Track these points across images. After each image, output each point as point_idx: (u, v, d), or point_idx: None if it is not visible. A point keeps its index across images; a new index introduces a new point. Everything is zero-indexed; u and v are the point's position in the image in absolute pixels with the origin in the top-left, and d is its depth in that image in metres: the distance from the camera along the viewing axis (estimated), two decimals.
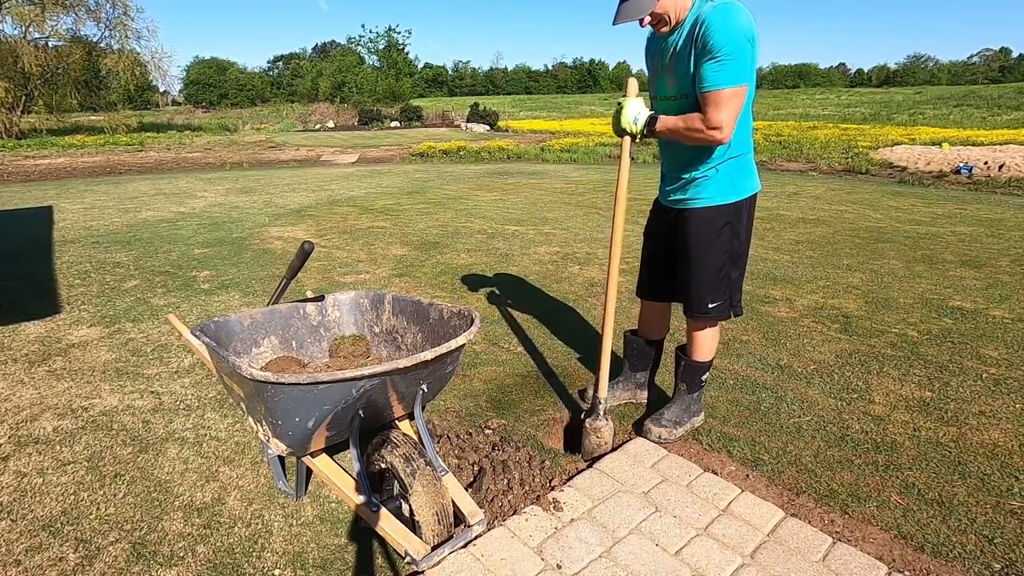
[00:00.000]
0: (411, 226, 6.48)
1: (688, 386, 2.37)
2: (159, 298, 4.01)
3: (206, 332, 2.02)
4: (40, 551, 1.76)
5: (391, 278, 4.49)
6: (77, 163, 15.55)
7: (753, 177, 2.19)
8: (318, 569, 1.72)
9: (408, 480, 1.72)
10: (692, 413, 2.39)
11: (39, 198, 8.82)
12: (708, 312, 2.21)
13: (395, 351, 2.40)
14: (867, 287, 4.31)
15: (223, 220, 6.86)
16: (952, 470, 2.16)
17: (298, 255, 2.23)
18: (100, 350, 3.17)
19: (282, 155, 18.11)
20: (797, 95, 65.66)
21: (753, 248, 5.47)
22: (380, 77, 52.15)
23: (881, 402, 2.65)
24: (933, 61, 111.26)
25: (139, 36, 28.54)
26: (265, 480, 2.09)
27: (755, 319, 3.66)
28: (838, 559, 1.71)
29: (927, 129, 21.95)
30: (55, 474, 2.12)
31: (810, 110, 44.20)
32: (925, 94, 54.17)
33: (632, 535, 1.81)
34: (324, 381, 1.61)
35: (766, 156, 15.85)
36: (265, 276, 4.51)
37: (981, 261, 5.06)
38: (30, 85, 26.02)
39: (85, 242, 5.68)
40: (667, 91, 2.08)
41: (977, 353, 3.16)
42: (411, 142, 20.34)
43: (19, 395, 2.68)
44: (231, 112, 51.05)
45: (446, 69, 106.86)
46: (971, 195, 9.67)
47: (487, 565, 1.67)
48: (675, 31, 1.97)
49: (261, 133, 28.34)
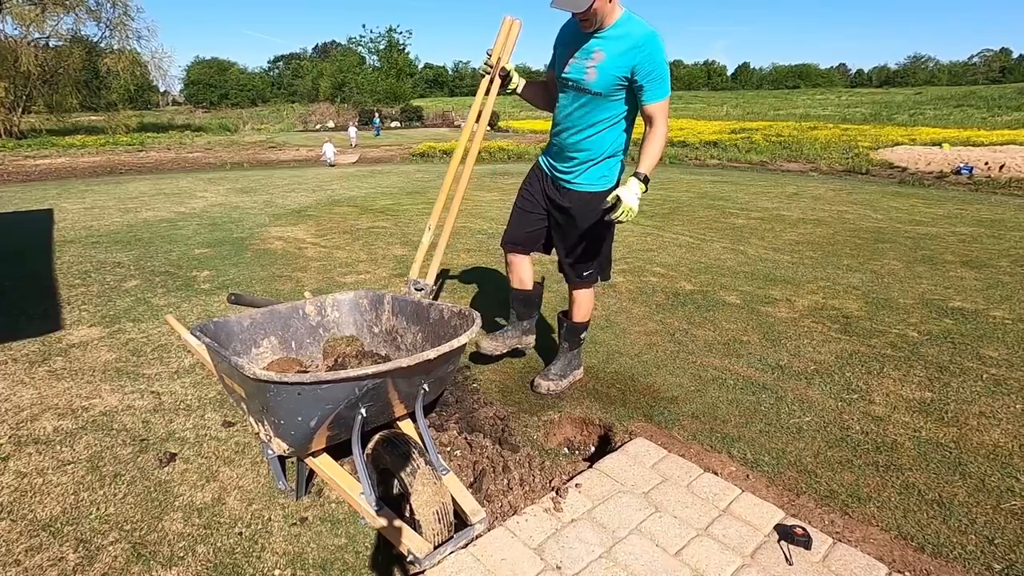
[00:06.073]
0: (411, 226, 6.48)
1: (570, 344, 2.74)
2: (159, 298, 4.01)
3: (206, 332, 2.02)
4: (40, 551, 1.76)
5: (391, 278, 4.49)
6: (77, 163, 15.55)
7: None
8: (318, 569, 1.71)
9: (408, 479, 1.72)
10: (573, 367, 2.77)
11: (39, 198, 8.82)
12: (586, 278, 2.61)
13: (395, 351, 2.40)
14: (867, 287, 4.31)
15: (223, 220, 6.86)
16: (952, 471, 2.16)
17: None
18: (100, 350, 3.17)
19: (282, 155, 18.11)
20: (797, 95, 65.65)
21: (753, 248, 5.49)
22: (381, 77, 52.16)
23: (881, 402, 2.65)
24: (933, 61, 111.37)
25: (139, 36, 28.55)
26: (265, 480, 2.09)
27: (755, 319, 3.66)
28: (838, 559, 1.71)
29: (927, 130, 21.94)
30: (55, 474, 2.12)
31: (810, 110, 44.19)
32: (925, 94, 54.17)
33: (632, 535, 1.80)
34: (327, 380, 1.61)
35: (766, 156, 15.85)
36: (265, 276, 4.51)
37: (981, 262, 5.06)
38: (30, 85, 26.04)
39: (85, 242, 5.68)
40: (582, 82, 2.27)
41: (977, 354, 3.16)
42: (411, 142, 20.34)
43: (19, 395, 2.68)
44: (231, 112, 51.05)
45: (446, 69, 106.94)
46: (971, 195, 9.67)
47: (487, 565, 1.67)
48: (598, 33, 2.21)
49: (261, 133, 28.35)
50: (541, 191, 2.57)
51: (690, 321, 3.62)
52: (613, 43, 2.20)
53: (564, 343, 2.77)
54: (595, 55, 2.23)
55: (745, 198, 8.79)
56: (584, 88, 2.28)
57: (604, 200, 2.42)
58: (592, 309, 2.78)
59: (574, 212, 2.48)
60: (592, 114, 2.32)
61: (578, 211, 2.47)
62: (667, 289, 4.25)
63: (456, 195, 2.65)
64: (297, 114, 43.22)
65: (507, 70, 2.51)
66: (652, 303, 3.95)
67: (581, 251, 2.55)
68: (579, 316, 2.72)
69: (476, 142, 2.64)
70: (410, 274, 2.65)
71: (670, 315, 3.73)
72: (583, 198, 2.46)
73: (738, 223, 6.77)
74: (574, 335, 2.75)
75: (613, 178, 2.47)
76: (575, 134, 2.38)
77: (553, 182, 2.53)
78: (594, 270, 2.61)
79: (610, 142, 2.38)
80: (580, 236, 2.52)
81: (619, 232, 5.86)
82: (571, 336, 2.75)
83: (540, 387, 2.70)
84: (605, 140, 2.37)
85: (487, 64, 2.51)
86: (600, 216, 2.47)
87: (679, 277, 4.55)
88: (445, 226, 2.67)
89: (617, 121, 2.35)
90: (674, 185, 10.14)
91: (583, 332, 2.77)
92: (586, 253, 2.56)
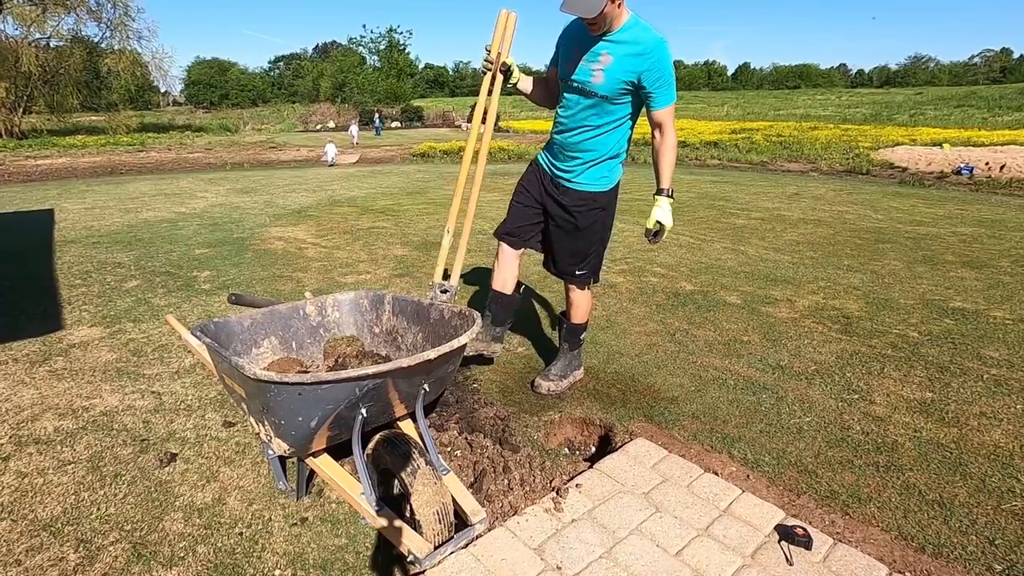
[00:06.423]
0: (412, 226, 6.48)
1: (570, 345, 2.75)
2: (160, 298, 4.01)
3: (206, 332, 2.02)
4: (40, 551, 1.76)
5: (392, 278, 4.49)
6: (78, 163, 15.56)
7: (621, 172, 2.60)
8: (318, 569, 1.71)
9: (409, 480, 1.72)
10: (573, 368, 2.79)
11: (40, 198, 8.83)
12: (579, 279, 2.62)
13: (395, 351, 2.40)
14: (868, 288, 4.31)
15: (224, 220, 6.86)
16: (953, 471, 2.16)
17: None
18: (101, 350, 3.17)
19: (283, 155, 18.12)
20: (798, 95, 65.65)
21: (754, 248, 5.48)
22: (381, 77, 52.17)
23: (882, 403, 2.65)
24: (934, 62, 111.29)
25: (140, 36, 28.57)
26: (265, 480, 2.09)
27: (755, 319, 3.65)
28: (839, 560, 1.71)
29: (928, 130, 21.94)
30: (56, 474, 2.12)
31: (811, 111, 44.19)
32: (926, 95, 54.17)
33: (633, 536, 1.80)
34: (328, 381, 1.61)
35: (767, 157, 15.85)
36: (266, 276, 4.52)
37: (982, 262, 5.06)
38: (31, 85, 26.06)
39: (86, 242, 5.68)
40: (589, 84, 2.28)
41: (978, 354, 3.16)
42: (412, 142, 20.34)
43: (20, 395, 2.68)
44: (232, 112, 51.08)
45: (447, 69, 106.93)
46: (972, 196, 9.66)
47: (487, 565, 1.67)
48: (605, 36, 2.22)
49: (262, 133, 28.36)
50: (540, 189, 2.57)
51: (690, 321, 3.62)
52: (621, 47, 2.20)
53: (564, 344, 2.78)
54: (602, 58, 2.23)
55: (745, 198, 8.79)
56: (590, 91, 2.29)
57: (602, 200, 2.48)
58: (591, 309, 2.79)
59: (573, 211, 2.48)
60: (597, 116, 2.33)
61: (577, 210, 2.47)
62: (667, 289, 4.24)
63: (472, 196, 2.65)
64: (298, 114, 43.27)
65: (507, 64, 2.50)
66: (652, 303, 3.95)
67: (577, 251, 2.56)
68: (577, 317, 2.72)
69: (485, 142, 2.63)
70: (435, 277, 2.66)
71: (670, 315, 3.73)
72: (583, 197, 2.46)
73: (738, 223, 6.77)
74: (574, 336, 2.75)
75: (613, 178, 2.48)
76: (578, 134, 2.39)
77: (552, 180, 2.53)
78: (588, 271, 2.61)
79: (613, 143, 2.39)
80: (577, 236, 2.52)
81: (619, 232, 5.86)
82: (571, 337, 2.76)
83: (540, 387, 2.71)
84: (608, 141, 2.38)
85: (487, 60, 2.51)
86: (599, 217, 2.50)
87: (679, 277, 4.55)
88: (464, 227, 2.69)
89: (621, 123, 2.36)
90: (674, 185, 10.14)
91: (583, 333, 2.77)
92: (582, 253, 2.56)
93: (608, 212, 2.53)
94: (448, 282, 2.63)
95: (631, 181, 9.66)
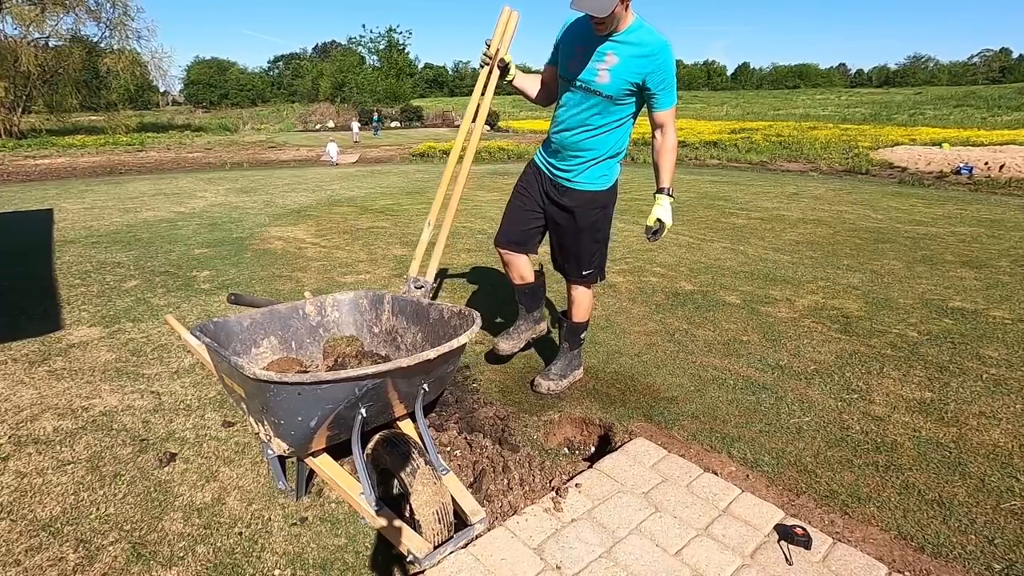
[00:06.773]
0: (411, 226, 6.48)
1: (570, 344, 2.74)
2: (159, 298, 4.01)
3: (206, 332, 2.02)
4: (40, 551, 1.76)
5: (391, 278, 4.49)
6: (77, 163, 15.56)
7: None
8: (318, 569, 1.71)
9: (408, 479, 1.72)
10: (573, 367, 2.78)
11: (39, 198, 8.82)
12: (585, 278, 2.63)
13: (395, 351, 2.40)
14: (867, 287, 4.31)
15: (223, 220, 6.86)
16: (952, 471, 2.16)
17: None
18: (100, 350, 3.17)
19: (282, 155, 18.12)
20: (797, 95, 65.68)
21: (753, 248, 5.49)
22: (381, 77, 52.16)
23: (881, 402, 2.65)
24: (933, 61, 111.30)
25: (139, 36, 28.54)
26: (265, 480, 2.09)
27: (755, 319, 3.65)
28: (838, 559, 1.71)
29: (927, 130, 21.95)
30: (55, 474, 2.12)
31: (810, 110, 44.20)
32: (925, 94, 54.20)
33: (632, 535, 1.80)
34: (327, 380, 1.61)
35: (766, 156, 15.86)
36: (265, 276, 4.51)
37: (981, 262, 5.06)
38: (30, 85, 26.04)
39: (85, 242, 5.68)
40: (593, 84, 2.28)
41: (977, 354, 3.16)
42: (411, 142, 20.34)
43: (19, 395, 2.68)
44: (231, 112, 51.07)
45: (446, 69, 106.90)
46: (971, 195, 9.67)
47: (487, 565, 1.67)
48: (611, 37, 2.22)
49: (261, 133, 28.37)
50: (539, 190, 2.57)
51: (690, 321, 3.62)
52: (627, 48, 2.21)
53: (564, 343, 2.78)
54: (608, 58, 2.23)
55: (745, 198, 8.79)
56: (595, 90, 2.29)
57: (602, 198, 2.49)
58: (592, 309, 2.79)
59: (574, 211, 2.48)
60: (599, 116, 2.33)
61: (578, 210, 2.47)
62: (667, 289, 4.25)
63: (454, 194, 2.64)
64: (297, 114, 43.26)
65: (506, 61, 2.52)
66: (652, 303, 3.95)
67: (581, 252, 2.56)
68: (578, 316, 2.72)
69: (473, 141, 2.64)
70: (409, 272, 2.64)
71: (670, 315, 3.73)
72: (583, 197, 2.47)
73: (738, 223, 6.77)
74: (574, 335, 2.75)
75: (612, 177, 2.49)
76: (579, 134, 2.38)
77: (552, 182, 2.52)
78: (594, 269, 2.61)
79: (613, 143, 2.40)
80: (579, 235, 2.53)
81: (619, 232, 5.86)
82: (571, 336, 2.75)
83: (540, 387, 2.71)
84: (608, 141, 2.39)
85: (486, 55, 2.52)
86: (599, 216, 2.50)
87: (679, 277, 4.55)
88: (444, 224, 2.66)
89: (623, 123, 2.37)
90: (674, 185, 10.14)
91: (583, 332, 2.77)
92: (585, 252, 2.56)
93: (608, 211, 2.54)
94: (424, 277, 2.61)
95: (631, 181, 9.66)
